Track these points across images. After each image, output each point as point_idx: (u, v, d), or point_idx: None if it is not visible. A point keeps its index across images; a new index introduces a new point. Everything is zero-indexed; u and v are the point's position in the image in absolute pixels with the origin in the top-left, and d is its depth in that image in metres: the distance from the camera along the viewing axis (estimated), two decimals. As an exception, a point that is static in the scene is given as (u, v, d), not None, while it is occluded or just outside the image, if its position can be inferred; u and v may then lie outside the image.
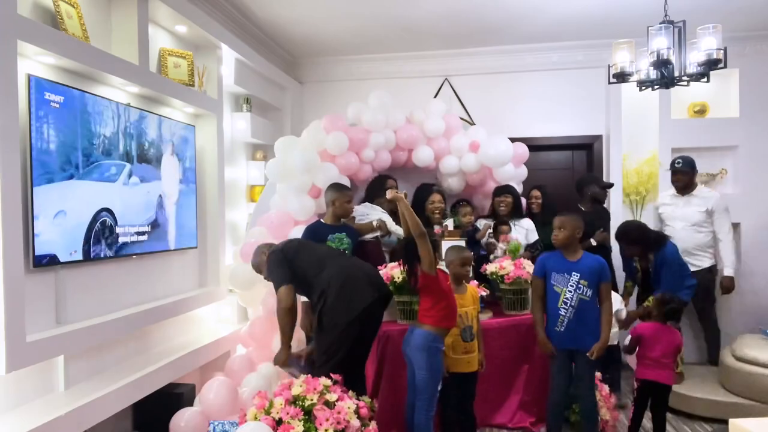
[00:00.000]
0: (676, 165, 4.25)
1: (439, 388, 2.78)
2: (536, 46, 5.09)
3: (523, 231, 4.17)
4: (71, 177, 2.54)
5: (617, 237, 3.84)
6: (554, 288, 2.90)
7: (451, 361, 2.92)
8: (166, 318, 3.31)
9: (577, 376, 2.95)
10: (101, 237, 2.75)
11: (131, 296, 3.09)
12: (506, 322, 3.52)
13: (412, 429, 2.78)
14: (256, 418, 2.42)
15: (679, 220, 4.28)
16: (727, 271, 4.26)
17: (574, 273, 2.86)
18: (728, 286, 4.29)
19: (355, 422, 2.43)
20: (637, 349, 3.06)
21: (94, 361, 2.82)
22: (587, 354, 2.83)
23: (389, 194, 2.89)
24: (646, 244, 3.73)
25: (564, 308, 2.85)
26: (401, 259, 2.86)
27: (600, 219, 4.30)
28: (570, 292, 2.85)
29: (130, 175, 2.97)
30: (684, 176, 4.23)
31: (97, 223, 2.72)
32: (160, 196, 3.27)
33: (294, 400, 2.44)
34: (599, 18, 4.42)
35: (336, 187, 3.59)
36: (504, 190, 4.24)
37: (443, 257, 3.11)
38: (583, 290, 2.84)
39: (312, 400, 2.43)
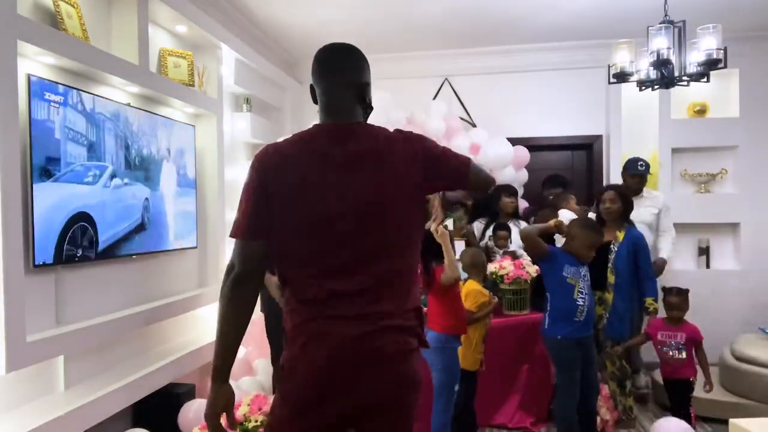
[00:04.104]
0: (639, 168, 4.11)
1: (456, 388, 2.76)
2: (536, 46, 5.09)
3: None
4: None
5: (609, 187, 3.68)
6: (567, 280, 2.86)
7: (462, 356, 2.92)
8: (166, 318, 3.30)
9: (591, 368, 2.95)
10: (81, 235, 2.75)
11: (131, 296, 3.09)
12: (506, 322, 3.52)
13: None
14: None
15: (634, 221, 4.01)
16: (663, 254, 4.11)
17: (582, 268, 2.90)
18: (662, 266, 4.07)
19: None
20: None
21: (94, 361, 2.82)
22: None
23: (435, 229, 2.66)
24: (627, 210, 3.56)
25: (581, 297, 2.86)
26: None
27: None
28: (583, 284, 2.87)
29: (124, 176, 2.97)
30: (644, 180, 4.16)
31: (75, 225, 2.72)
32: (160, 196, 3.26)
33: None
34: (599, 18, 4.42)
35: None
36: (512, 190, 4.25)
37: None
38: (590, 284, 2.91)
39: (256, 421, 2.28)
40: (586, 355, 2.91)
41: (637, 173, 4.12)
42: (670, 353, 3.15)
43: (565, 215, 3.76)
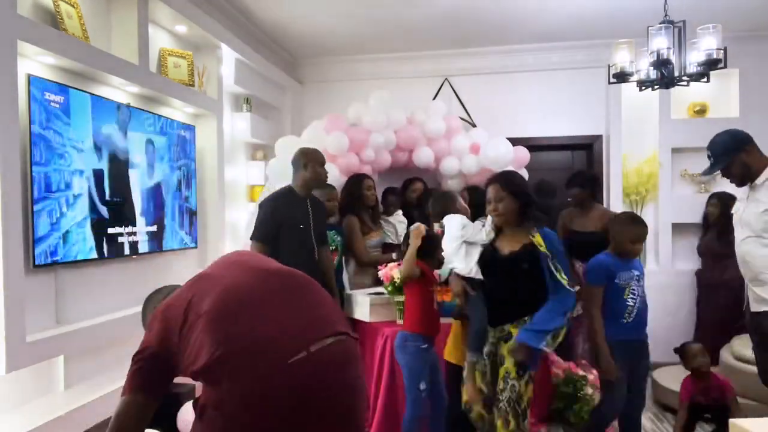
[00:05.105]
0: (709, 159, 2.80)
1: (422, 387, 2.73)
2: (536, 46, 5.09)
3: None
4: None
5: (490, 180, 2.58)
6: (619, 285, 2.72)
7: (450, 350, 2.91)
8: (166, 318, 3.31)
9: (639, 375, 2.81)
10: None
11: (131, 296, 3.08)
12: (506, 322, 3.51)
13: None
14: None
15: (740, 225, 2.66)
16: None
17: (634, 270, 2.77)
18: None
19: None
20: None
21: (94, 361, 2.82)
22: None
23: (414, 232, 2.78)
24: (525, 208, 2.48)
25: (632, 298, 2.71)
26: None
27: None
28: (635, 285, 2.74)
29: (129, 174, 2.98)
30: (731, 166, 2.70)
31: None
32: (160, 196, 3.26)
33: None
34: (599, 18, 4.42)
35: None
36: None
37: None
38: (643, 285, 2.79)
39: None
40: (634, 360, 2.74)
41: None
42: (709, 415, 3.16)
43: (451, 222, 2.83)
